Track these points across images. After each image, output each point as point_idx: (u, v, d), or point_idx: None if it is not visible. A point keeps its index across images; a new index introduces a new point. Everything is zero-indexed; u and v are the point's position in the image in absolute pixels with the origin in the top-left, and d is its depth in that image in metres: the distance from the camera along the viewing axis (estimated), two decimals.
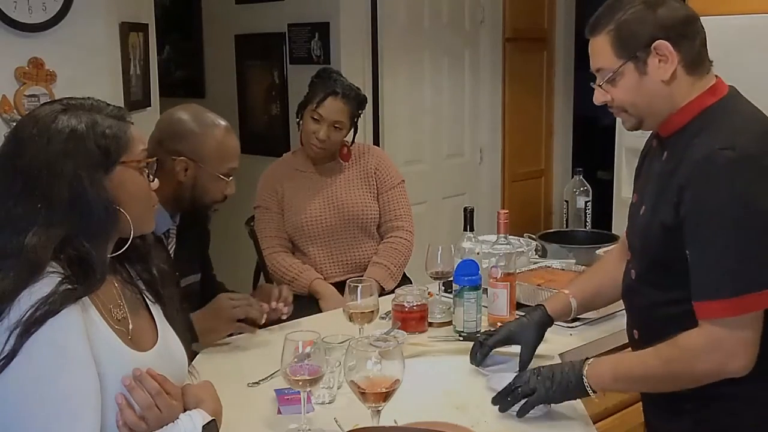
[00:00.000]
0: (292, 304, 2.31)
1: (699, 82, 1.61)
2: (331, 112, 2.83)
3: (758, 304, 1.47)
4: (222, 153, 2.16)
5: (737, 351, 1.49)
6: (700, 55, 1.60)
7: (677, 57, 1.57)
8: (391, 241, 2.96)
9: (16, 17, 2.76)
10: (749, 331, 1.49)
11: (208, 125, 2.16)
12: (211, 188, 2.17)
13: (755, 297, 1.47)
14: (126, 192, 1.42)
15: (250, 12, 4.55)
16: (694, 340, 1.53)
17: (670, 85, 1.59)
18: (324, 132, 2.83)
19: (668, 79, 1.59)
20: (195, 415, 1.40)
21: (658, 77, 1.59)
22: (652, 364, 1.60)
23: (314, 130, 2.84)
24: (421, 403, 1.76)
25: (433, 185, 4.62)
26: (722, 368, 1.51)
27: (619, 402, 2.33)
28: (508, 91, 4.90)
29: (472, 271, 2.16)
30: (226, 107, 4.76)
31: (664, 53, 1.57)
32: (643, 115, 1.66)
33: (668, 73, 1.58)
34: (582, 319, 2.24)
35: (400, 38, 4.33)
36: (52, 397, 1.27)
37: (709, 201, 1.49)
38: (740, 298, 1.46)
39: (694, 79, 1.60)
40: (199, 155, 2.12)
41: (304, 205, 2.92)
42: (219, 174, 2.16)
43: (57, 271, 1.32)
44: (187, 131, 2.13)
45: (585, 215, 3.12)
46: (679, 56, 1.57)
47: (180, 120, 2.16)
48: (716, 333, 1.50)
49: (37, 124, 1.38)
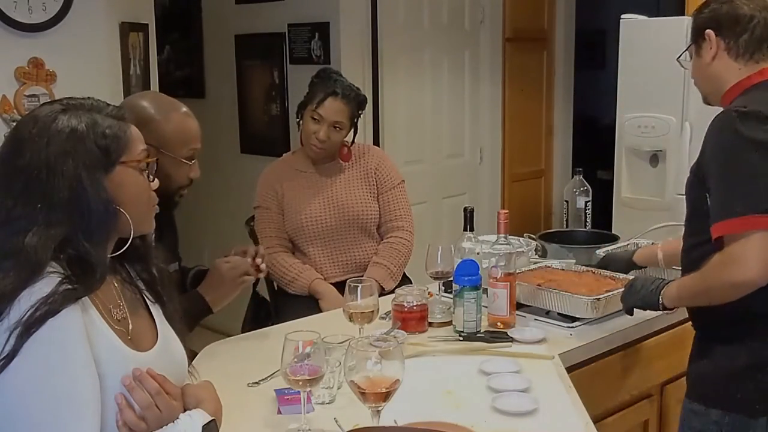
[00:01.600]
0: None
1: (746, 66, 1.93)
2: (331, 113, 2.83)
3: (760, 224, 1.72)
4: (183, 136, 2.13)
5: (747, 262, 1.73)
6: (749, 45, 1.92)
7: (722, 44, 1.94)
8: (391, 241, 2.96)
9: (16, 17, 2.77)
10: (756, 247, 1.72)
11: (167, 110, 2.14)
12: (175, 174, 2.13)
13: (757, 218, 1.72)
14: (126, 192, 1.42)
15: (250, 12, 4.55)
16: (716, 257, 1.80)
17: (713, 66, 1.96)
18: (324, 132, 2.83)
19: (711, 61, 1.95)
20: (195, 414, 1.40)
21: (707, 59, 1.96)
22: (697, 281, 1.89)
23: (314, 131, 2.84)
24: (421, 403, 1.76)
25: (433, 185, 4.62)
26: (738, 278, 1.75)
27: (619, 402, 2.33)
28: (508, 91, 4.89)
29: (472, 271, 2.16)
30: (226, 107, 4.78)
31: (711, 40, 1.95)
32: (702, 90, 2.05)
33: (711, 56, 1.95)
34: (582, 319, 2.24)
35: (400, 38, 4.33)
36: (52, 397, 1.27)
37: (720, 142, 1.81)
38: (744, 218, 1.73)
39: (740, 64, 1.93)
40: (161, 141, 2.07)
41: (304, 205, 2.92)
42: (181, 158, 2.12)
43: (57, 271, 1.32)
44: (147, 118, 2.08)
45: (585, 215, 3.12)
46: (724, 44, 1.93)
47: (139, 106, 2.11)
48: (728, 248, 1.76)
49: (37, 124, 1.38)
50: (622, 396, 2.33)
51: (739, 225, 1.74)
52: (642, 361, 2.36)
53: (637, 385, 2.37)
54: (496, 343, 2.12)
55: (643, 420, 2.44)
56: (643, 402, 2.42)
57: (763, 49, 1.93)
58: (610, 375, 2.27)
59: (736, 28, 1.92)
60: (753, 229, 1.72)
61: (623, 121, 3.88)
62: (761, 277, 1.74)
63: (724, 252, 1.77)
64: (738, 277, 1.75)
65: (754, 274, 1.73)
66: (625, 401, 2.35)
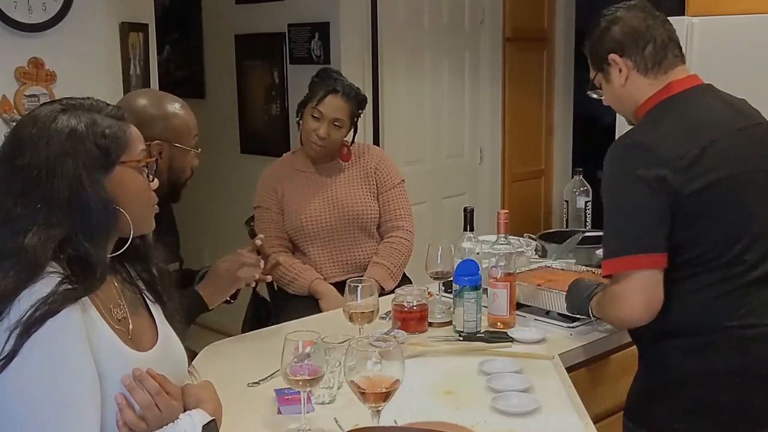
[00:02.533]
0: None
1: (656, 81, 1.89)
2: (331, 110, 2.83)
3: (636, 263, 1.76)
4: (188, 126, 2.19)
5: (627, 302, 1.78)
6: (655, 57, 1.88)
7: (630, 63, 1.89)
8: (391, 241, 2.96)
9: (16, 17, 2.77)
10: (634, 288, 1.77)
11: (169, 103, 2.20)
12: (185, 165, 2.20)
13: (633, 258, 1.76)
14: (126, 192, 1.42)
15: (250, 12, 4.55)
16: (604, 293, 1.92)
17: (627, 88, 1.91)
18: (324, 130, 2.83)
19: (624, 83, 1.91)
20: (195, 414, 1.40)
21: (618, 83, 1.92)
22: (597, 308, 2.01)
23: (314, 128, 2.84)
24: (421, 403, 1.76)
25: (433, 185, 4.62)
26: (622, 315, 1.82)
27: (619, 402, 2.33)
28: (508, 91, 4.89)
29: (472, 271, 2.16)
30: (226, 107, 4.78)
31: (618, 63, 1.90)
32: (621, 112, 2.03)
33: (623, 79, 1.91)
34: (582, 319, 2.24)
35: (400, 38, 4.33)
36: (52, 397, 1.27)
37: (606, 176, 1.84)
38: (622, 258, 1.78)
39: (650, 79, 1.89)
40: (172, 135, 2.14)
41: (304, 205, 2.91)
42: (189, 147, 2.19)
43: (57, 271, 1.32)
44: (154, 115, 2.14)
45: (585, 215, 3.12)
46: (632, 62, 1.89)
47: (143, 106, 2.16)
48: (611, 287, 1.84)
49: (37, 124, 1.38)
50: (622, 396, 2.32)
51: (619, 265, 1.79)
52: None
53: None
54: (496, 343, 2.12)
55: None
56: None
57: (668, 55, 1.89)
58: (610, 375, 2.27)
59: (638, 42, 1.88)
60: (631, 269, 1.76)
61: (623, 121, 3.86)
62: (642, 317, 1.79)
63: (607, 290, 1.87)
64: (622, 315, 1.82)
65: (635, 313, 1.79)
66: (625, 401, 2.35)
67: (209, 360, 2.07)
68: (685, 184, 1.73)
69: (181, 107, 2.20)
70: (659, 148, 1.76)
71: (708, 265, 1.77)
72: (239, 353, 2.16)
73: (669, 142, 1.77)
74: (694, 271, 1.78)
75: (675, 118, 1.84)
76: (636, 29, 1.88)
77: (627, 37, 1.89)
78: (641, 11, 1.91)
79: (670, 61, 1.89)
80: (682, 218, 1.75)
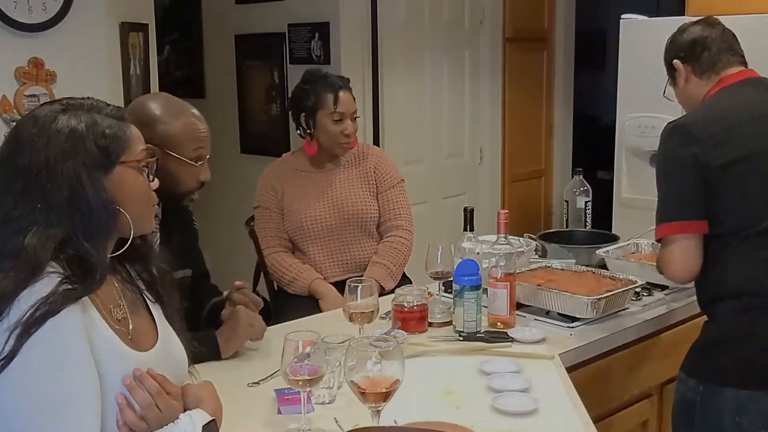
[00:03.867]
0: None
1: (710, 81, 2.17)
2: (347, 106, 2.88)
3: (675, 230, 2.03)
4: (188, 136, 2.07)
5: (672, 265, 2.07)
6: (709, 62, 2.17)
7: (689, 68, 2.21)
8: (390, 240, 2.97)
9: (16, 17, 2.77)
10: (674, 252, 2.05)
11: (175, 110, 2.10)
12: (182, 176, 2.09)
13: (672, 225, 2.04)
14: (126, 192, 1.42)
15: (250, 12, 4.55)
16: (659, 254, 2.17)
17: (688, 89, 2.22)
18: (350, 126, 2.89)
19: (684, 85, 2.23)
20: (195, 414, 1.40)
21: (681, 85, 2.24)
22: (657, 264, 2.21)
23: (341, 129, 2.86)
24: (421, 403, 1.76)
25: (433, 185, 4.62)
26: (669, 275, 2.12)
27: (619, 402, 2.33)
28: (508, 91, 4.89)
29: (472, 271, 2.16)
30: (226, 107, 4.78)
31: (679, 68, 2.22)
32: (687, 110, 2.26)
33: (683, 81, 2.23)
34: (582, 319, 2.24)
35: (400, 38, 4.33)
36: (52, 398, 1.27)
37: (657, 155, 2.13)
38: (664, 225, 2.06)
39: (705, 80, 2.18)
40: (165, 141, 2.02)
41: (303, 204, 2.92)
42: (188, 159, 2.07)
43: (57, 271, 1.32)
44: (154, 117, 2.05)
45: (585, 215, 3.12)
46: (690, 68, 2.20)
47: (147, 107, 2.09)
48: (661, 250, 2.12)
49: (37, 124, 1.38)
50: (622, 396, 2.33)
51: (661, 230, 2.07)
52: (642, 361, 2.36)
53: (637, 385, 2.37)
54: (496, 343, 2.12)
55: (643, 420, 2.44)
56: (643, 402, 2.42)
57: (722, 59, 2.17)
58: (610, 375, 2.27)
59: (695, 49, 2.18)
60: (671, 234, 2.04)
61: (623, 121, 3.88)
62: (683, 277, 2.10)
63: (659, 253, 2.15)
64: (668, 276, 2.13)
65: (677, 275, 2.10)
66: (625, 401, 2.35)
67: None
68: (714, 159, 1.98)
69: (187, 117, 2.10)
70: (693, 129, 2.03)
71: (744, 233, 1.99)
72: (239, 353, 2.16)
73: (702, 124, 2.04)
74: (735, 240, 2.00)
75: (714, 104, 2.13)
76: (696, 40, 2.20)
77: (687, 46, 2.21)
78: (705, 24, 2.22)
79: (724, 63, 2.17)
80: (713, 190, 2.00)
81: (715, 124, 2.05)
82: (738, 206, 1.99)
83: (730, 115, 2.07)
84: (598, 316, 2.25)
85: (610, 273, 2.46)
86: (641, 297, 2.42)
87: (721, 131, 2.02)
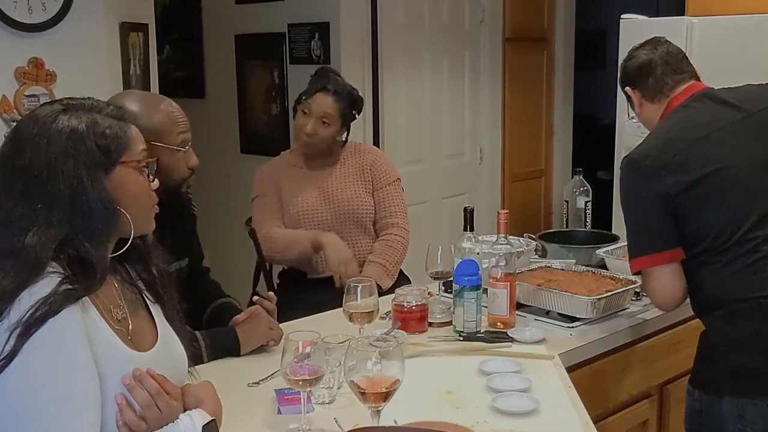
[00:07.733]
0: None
1: (661, 104, 2.21)
2: (319, 106, 2.85)
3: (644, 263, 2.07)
4: (169, 122, 2.09)
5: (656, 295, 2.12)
6: (657, 86, 2.20)
7: (639, 94, 2.25)
8: (386, 238, 2.97)
9: (16, 17, 2.77)
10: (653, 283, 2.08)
11: (151, 102, 2.12)
12: (173, 165, 2.10)
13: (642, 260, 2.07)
14: (126, 192, 1.42)
15: (250, 12, 4.55)
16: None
17: (643, 113, 2.27)
18: (311, 126, 2.85)
19: (640, 110, 2.28)
20: (195, 414, 1.40)
21: (637, 110, 2.29)
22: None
23: (302, 124, 2.87)
24: (421, 403, 1.76)
25: (433, 185, 4.62)
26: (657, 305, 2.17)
27: (619, 402, 2.33)
28: (508, 91, 4.89)
29: (472, 271, 2.16)
30: (226, 107, 4.78)
31: (632, 95, 2.27)
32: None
33: (638, 107, 2.27)
34: (582, 319, 2.24)
35: (400, 38, 4.33)
36: (52, 398, 1.27)
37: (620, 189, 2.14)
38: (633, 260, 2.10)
39: (657, 104, 2.22)
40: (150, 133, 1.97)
41: (299, 199, 2.93)
42: (174, 146, 2.09)
43: (57, 271, 1.32)
44: (133, 114, 2.01)
45: (585, 215, 3.12)
46: (640, 93, 2.24)
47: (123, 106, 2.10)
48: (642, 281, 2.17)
49: (37, 124, 1.38)
50: (622, 396, 2.33)
51: (635, 264, 2.10)
52: (642, 361, 2.36)
53: (637, 385, 2.37)
54: (496, 343, 2.12)
55: (643, 420, 2.44)
56: (643, 402, 2.42)
57: (669, 82, 2.19)
58: (610, 375, 2.27)
59: (642, 75, 2.22)
60: (646, 267, 2.07)
61: (623, 121, 3.88)
62: (669, 305, 2.12)
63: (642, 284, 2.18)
64: (657, 305, 2.18)
65: (664, 304, 2.14)
66: (625, 401, 2.35)
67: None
68: (672, 187, 2.00)
69: (164, 105, 2.12)
70: (646, 163, 2.05)
71: (722, 247, 1.99)
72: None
73: (654, 155, 2.05)
74: (712, 255, 2.00)
75: (664, 129, 2.15)
76: (642, 66, 2.22)
77: (635, 72, 2.24)
78: (650, 46, 2.23)
79: (671, 85, 2.19)
80: (681, 216, 2.01)
81: (667, 152, 2.04)
82: (709, 225, 1.99)
83: (680, 139, 2.06)
84: (598, 316, 2.25)
85: (610, 273, 2.46)
86: (641, 297, 2.42)
87: (673, 158, 2.02)
